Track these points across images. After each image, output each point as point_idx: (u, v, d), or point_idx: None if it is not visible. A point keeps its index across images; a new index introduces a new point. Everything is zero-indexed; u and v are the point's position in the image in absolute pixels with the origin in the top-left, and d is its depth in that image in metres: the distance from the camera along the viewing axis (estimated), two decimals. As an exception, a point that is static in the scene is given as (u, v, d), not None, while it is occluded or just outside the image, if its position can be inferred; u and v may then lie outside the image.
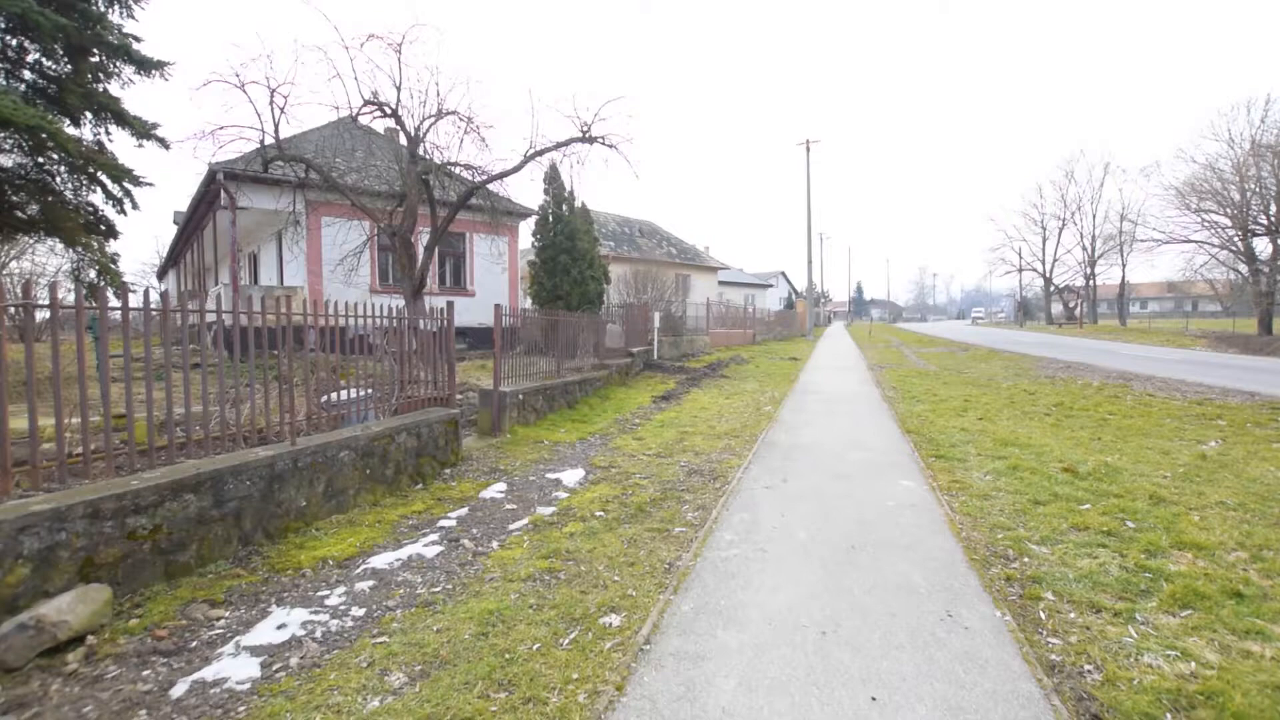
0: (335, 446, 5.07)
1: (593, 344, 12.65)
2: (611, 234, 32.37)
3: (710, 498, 5.19)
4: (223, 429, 4.71)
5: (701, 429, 8.35)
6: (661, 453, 6.99)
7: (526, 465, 6.63)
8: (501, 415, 7.97)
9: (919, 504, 4.91)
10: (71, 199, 10.83)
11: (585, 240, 17.87)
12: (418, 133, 11.87)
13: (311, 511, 4.83)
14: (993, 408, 9.89)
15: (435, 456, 6.39)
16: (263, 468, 4.43)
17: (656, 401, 11.01)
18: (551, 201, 17.79)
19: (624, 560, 3.87)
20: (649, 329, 17.34)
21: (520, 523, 4.85)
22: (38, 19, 8.57)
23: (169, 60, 10.51)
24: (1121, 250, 48.99)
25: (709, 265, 36.67)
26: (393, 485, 5.73)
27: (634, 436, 7.96)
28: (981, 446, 7.10)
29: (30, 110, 7.53)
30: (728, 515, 4.64)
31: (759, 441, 7.41)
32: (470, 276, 20.00)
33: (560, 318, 11.17)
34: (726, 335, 25.53)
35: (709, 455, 6.79)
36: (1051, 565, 3.75)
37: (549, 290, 17.71)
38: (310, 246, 16.33)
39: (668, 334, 19.66)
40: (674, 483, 5.72)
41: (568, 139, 11.88)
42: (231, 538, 4.20)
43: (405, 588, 3.66)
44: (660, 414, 9.75)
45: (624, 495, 5.38)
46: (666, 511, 4.86)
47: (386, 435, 5.68)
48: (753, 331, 29.19)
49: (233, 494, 4.21)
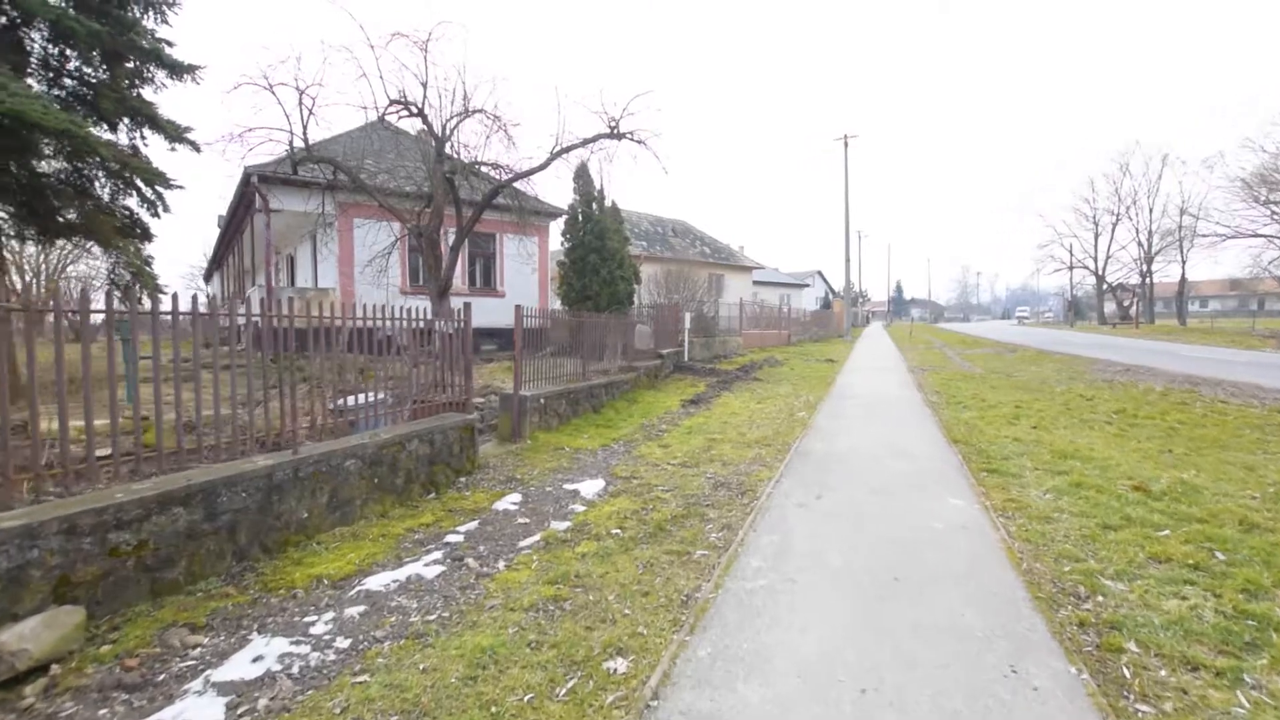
0: (340, 455, 4.84)
1: (620, 346, 12.32)
2: (644, 234, 32.05)
3: (736, 515, 4.77)
4: (234, 434, 4.52)
5: (731, 436, 7.91)
6: (687, 462, 6.59)
7: (544, 474, 6.31)
8: (522, 420, 7.69)
9: (970, 526, 4.40)
10: (108, 203, 10.99)
11: (615, 239, 17.56)
12: (444, 131, 11.73)
13: (314, 524, 4.59)
14: (1047, 415, 9.18)
15: (449, 464, 6.13)
16: (260, 479, 4.20)
17: (685, 406, 10.60)
18: (581, 200, 17.53)
19: (637, 589, 3.50)
20: (679, 330, 16.92)
21: (531, 539, 4.52)
22: (72, 25, 8.65)
23: (200, 64, 10.56)
24: (1181, 246, 46.41)
25: (743, 265, 36.02)
26: (403, 495, 5.48)
27: (659, 444, 7.57)
28: (1038, 459, 6.49)
29: (60, 114, 7.56)
30: (755, 537, 4.21)
31: (791, 451, 6.94)
32: (500, 277, 19.92)
33: (586, 319, 10.86)
34: (760, 336, 24.91)
35: (737, 466, 6.36)
36: (1132, 607, 3.23)
37: (578, 291, 17.45)
38: (342, 248, 16.44)
39: (699, 335, 19.21)
40: (698, 497, 5.32)
41: (595, 135, 11.59)
42: (225, 553, 3.97)
43: (398, 614, 3.36)
44: (688, 419, 9.34)
45: (644, 510, 5.00)
46: (688, 531, 4.47)
47: (396, 443, 5.42)
48: (788, 332, 28.47)
49: (226, 507, 3.98)
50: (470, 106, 11.65)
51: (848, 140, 34.66)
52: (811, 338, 33.00)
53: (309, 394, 5.47)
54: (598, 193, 17.54)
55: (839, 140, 34.90)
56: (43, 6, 8.17)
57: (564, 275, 18.15)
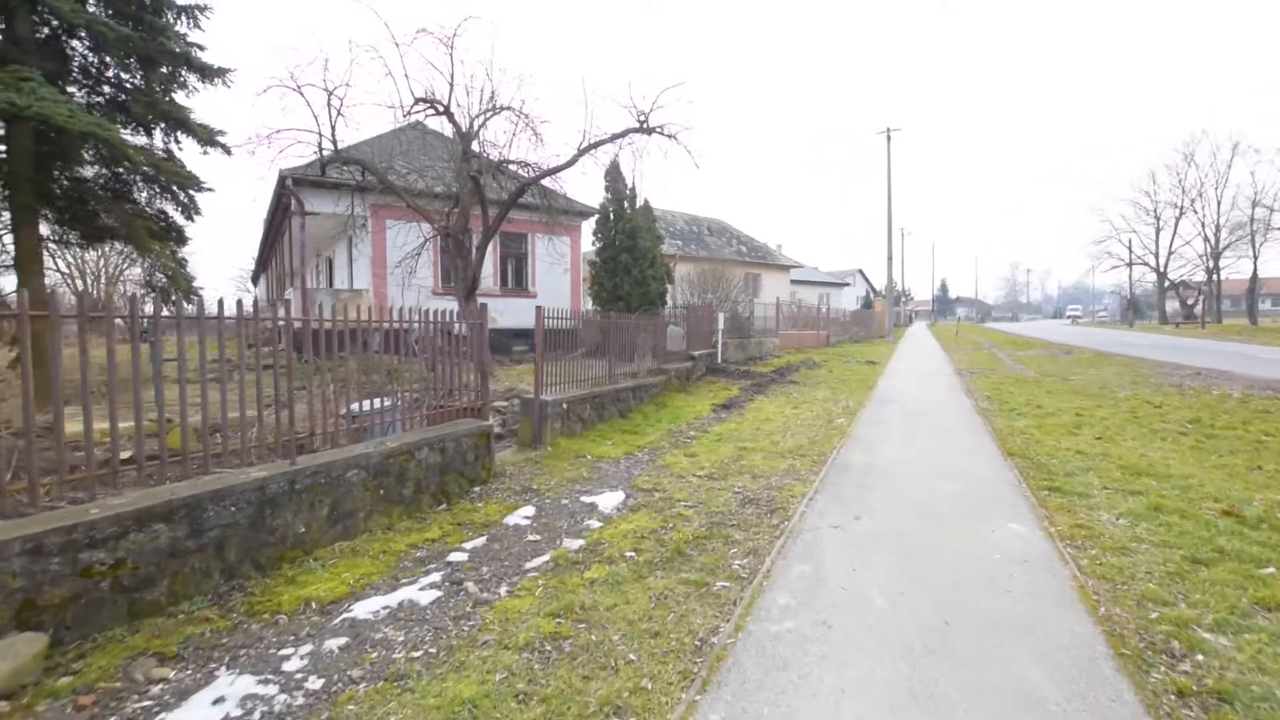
0: (341, 465, 4.57)
1: (651, 347, 11.92)
2: (679, 233, 31.60)
3: (764, 538, 4.31)
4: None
5: (763, 445, 7.42)
6: (714, 474, 6.15)
7: (562, 485, 5.96)
8: (542, 426, 7.37)
9: (1034, 559, 3.85)
10: (145, 207, 11.16)
11: (647, 238, 17.18)
12: (470, 130, 11.54)
13: (312, 538, 4.33)
14: (1112, 424, 8.40)
15: (463, 473, 5.84)
16: (250, 492, 3.95)
17: (716, 411, 10.14)
18: (612, 199, 17.21)
19: (647, 628, 3.09)
20: (713, 331, 16.42)
21: (540, 560, 4.16)
22: (103, 30, 8.74)
23: (230, 67, 10.62)
24: (1253, 240, 43.41)
25: (780, 264, 35.20)
26: (411, 506, 5.20)
27: (686, 453, 7.15)
28: (1106, 476, 5.83)
29: (87, 118, 7.60)
30: (784, 566, 3.76)
31: (828, 462, 6.42)
32: (532, 278, 19.76)
33: (613, 320, 10.50)
34: (798, 337, 24.17)
35: (768, 479, 5.88)
36: (1241, 670, 2.66)
37: (609, 291, 17.13)
38: (374, 250, 16.50)
39: (734, 335, 18.66)
40: (724, 515, 4.88)
41: (624, 130, 11.22)
42: (212, 571, 3.73)
43: (382, 649, 3.03)
44: (719, 425, 8.88)
45: (663, 529, 4.59)
46: (709, 555, 4.04)
47: (405, 452, 5.15)
48: (826, 333, 27.60)
49: (213, 522, 3.74)
50: (497, 104, 11.43)
51: (890, 133, 33.47)
52: (851, 338, 31.98)
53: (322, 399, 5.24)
54: (629, 191, 17.19)
55: (881, 134, 33.75)
56: (74, 13, 8.23)
57: (595, 275, 17.86)
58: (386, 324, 5.59)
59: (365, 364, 5.72)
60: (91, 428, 3.72)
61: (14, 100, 7.11)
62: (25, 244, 9.19)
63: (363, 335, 5.62)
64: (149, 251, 10.47)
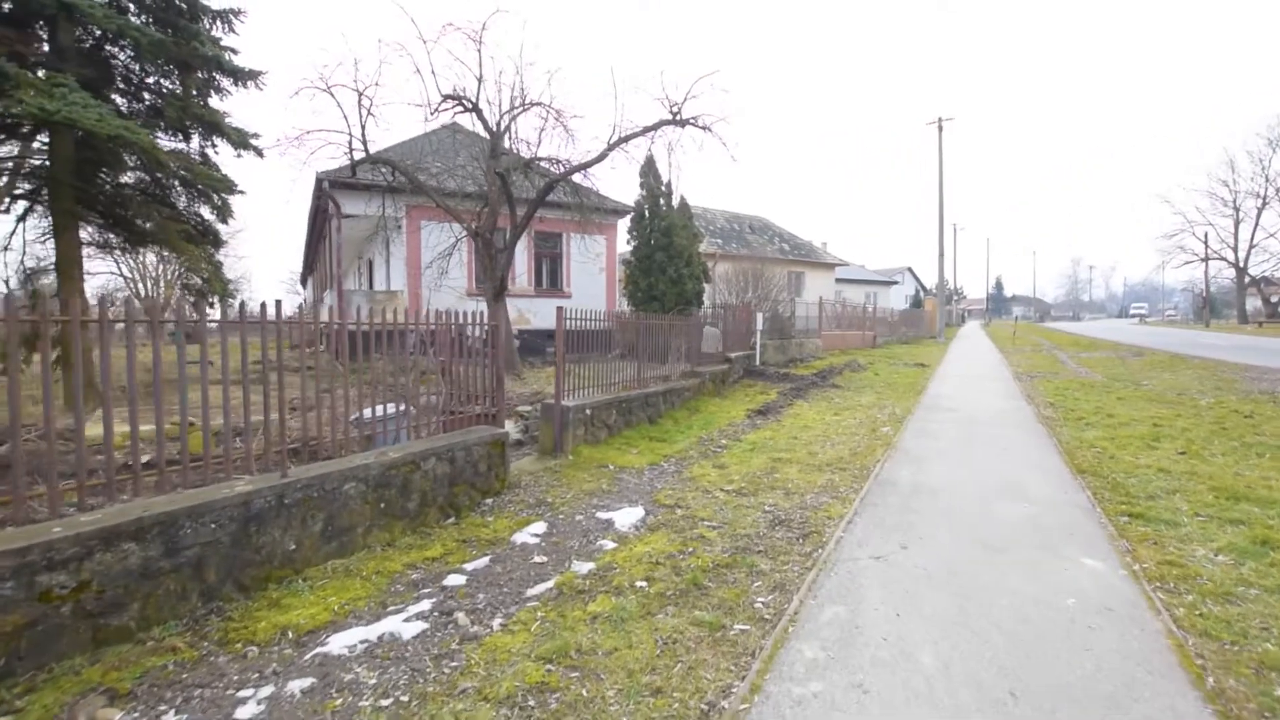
0: (337, 478, 4.28)
1: (685, 349, 11.45)
2: (720, 231, 30.98)
3: (794, 570, 3.80)
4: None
5: (799, 456, 6.87)
6: (744, 489, 5.65)
7: (579, 499, 5.56)
8: (563, 433, 7.00)
9: (1117, 607, 3.23)
10: (184, 210, 11.33)
11: (683, 236, 16.70)
12: (499, 127, 11.32)
13: (304, 556, 4.05)
14: (1196, 436, 7.49)
15: (474, 485, 5.51)
16: (233, 507, 3.68)
17: (751, 416, 9.59)
18: (647, 197, 16.80)
19: (648, 682, 2.65)
20: (751, 331, 15.81)
21: (543, 587, 3.77)
22: (135, 35, 8.82)
23: (262, 70, 10.66)
24: (1351, 232, 39.77)
25: (825, 261, 34.12)
26: (417, 520, 4.89)
27: (715, 463, 6.66)
28: (1196, 499, 5.07)
29: (115, 122, 7.64)
30: (814, 607, 3.25)
31: (871, 478, 5.83)
32: (567, 278, 19.52)
33: (643, 321, 10.08)
34: (842, 337, 23.23)
35: (803, 497, 5.34)
36: None
37: (644, 290, 16.73)
38: (409, 251, 16.50)
39: (774, 336, 17.98)
40: (750, 538, 4.38)
41: (656, 123, 10.82)
42: (189, 593, 3.47)
43: (349, 694, 2.68)
44: (753, 433, 8.34)
45: (682, 554, 4.14)
46: (729, 589, 3.56)
47: (409, 462, 4.84)
48: (873, 333, 26.50)
49: (190, 540, 3.48)
50: (528, 99, 11.18)
51: (942, 124, 31.96)
52: (900, 339, 30.68)
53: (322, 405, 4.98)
54: (665, 188, 16.76)
55: (932, 124, 32.26)
56: (106, 19, 8.31)
57: (629, 274, 17.49)
58: (394, 327, 5.30)
59: (372, 369, 5.45)
60: (112, 433, 3.63)
61: (45, 105, 7.17)
62: (65, 249, 9.39)
63: (367, 339, 5.36)
64: (184, 254, 10.60)
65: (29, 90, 7.40)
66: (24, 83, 7.38)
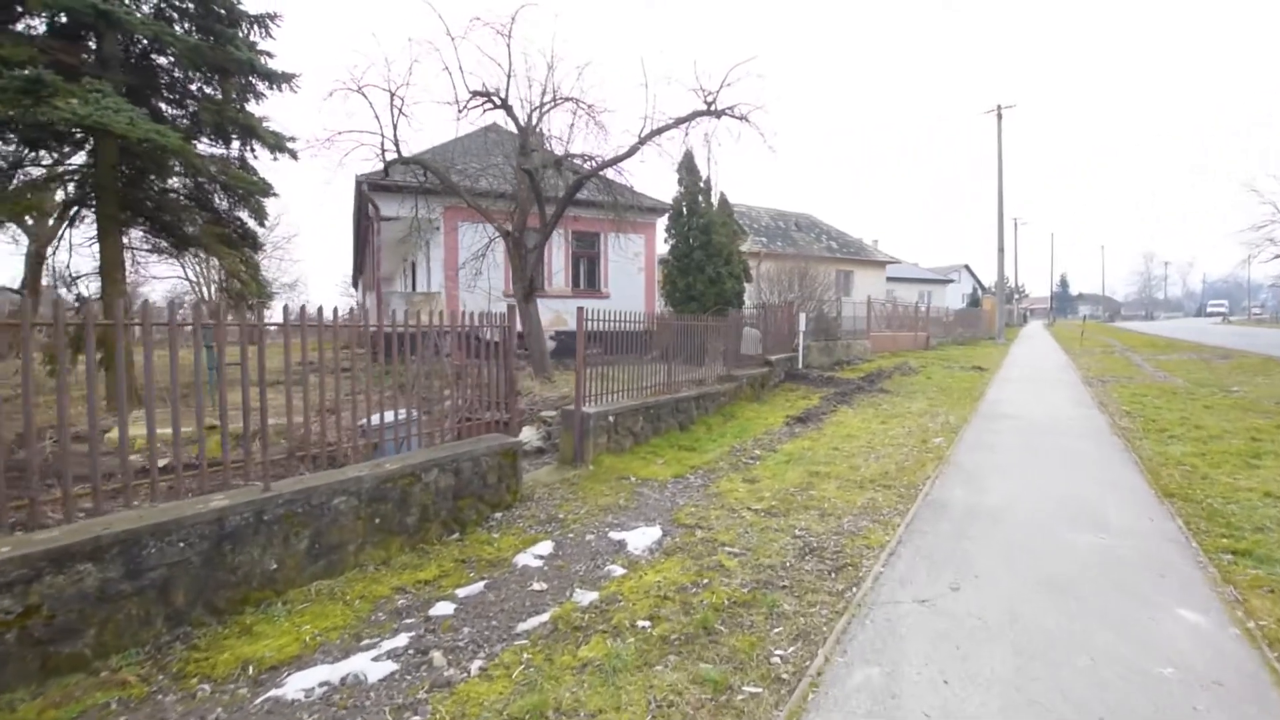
0: (325, 491, 3.99)
1: (721, 351, 10.91)
2: (764, 229, 30.14)
3: (822, 613, 3.26)
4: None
5: (839, 470, 6.26)
6: (774, 508, 5.11)
7: (592, 515, 5.14)
8: (584, 442, 6.60)
9: (1231, 682, 2.58)
10: (225, 214, 11.50)
11: (722, 234, 16.12)
12: (529, 123, 11.05)
13: (286, 576, 3.76)
14: (1309, 453, 6.50)
15: (482, 497, 5.16)
16: (205, 525, 3.41)
17: (790, 424, 8.98)
18: (685, 194, 16.29)
19: (630, 761, 2.19)
20: (794, 332, 15.09)
21: (536, 621, 3.37)
22: (169, 40, 8.92)
23: (295, 72, 10.71)
24: None
25: (875, 259, 32.78)
26: (417, 536, 4.57)
27: (745, 477, 6.13)
28: (1319, 533, 4.25)
29: (145, 125, 7.69)
30: (842, 667, 2.71)
31: (919, 499, 5.19)
32: (605, 278, 19.18)
33: (676, 322, 9.62)
34: (892, 339, 22.13)
35: (840, 520, 4.77)
36: None
37: (682, 290, 16.23)
38: (447, 252, 16.48)
39: (819, 338, 17.18)
40: (775, 570, 3.86)
41: (690, 114, 10.33)
42: (154, 617, 3.21)
43: (290, 755, 2.33)
44: (790, 442, 7.75)
45: (695, 586, 3.66)
46: (743, 636, 3.06)
47: (408, 474, 4.52)
48: (926, 334, 25.19)
49: (155, 561, 3.22)
50: (558, 95, 10.87)
51: (1001, 112, 30.17)
52: (955, 340, 29.12)
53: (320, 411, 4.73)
54: (704, 184, 16.21)
55: (989, 112, 30.50)
56: (141, 24, 8.40)
57: (667, 274, 17.01)
58: (395, 329, 5.01)
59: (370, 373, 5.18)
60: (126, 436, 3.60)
61: (77, 110, 7.25)
62: (109, 252, 9.59)
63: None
64: (221, 258, 10.73)
65: (68, 97, 7.51)
66: (61, 90, 7.48)
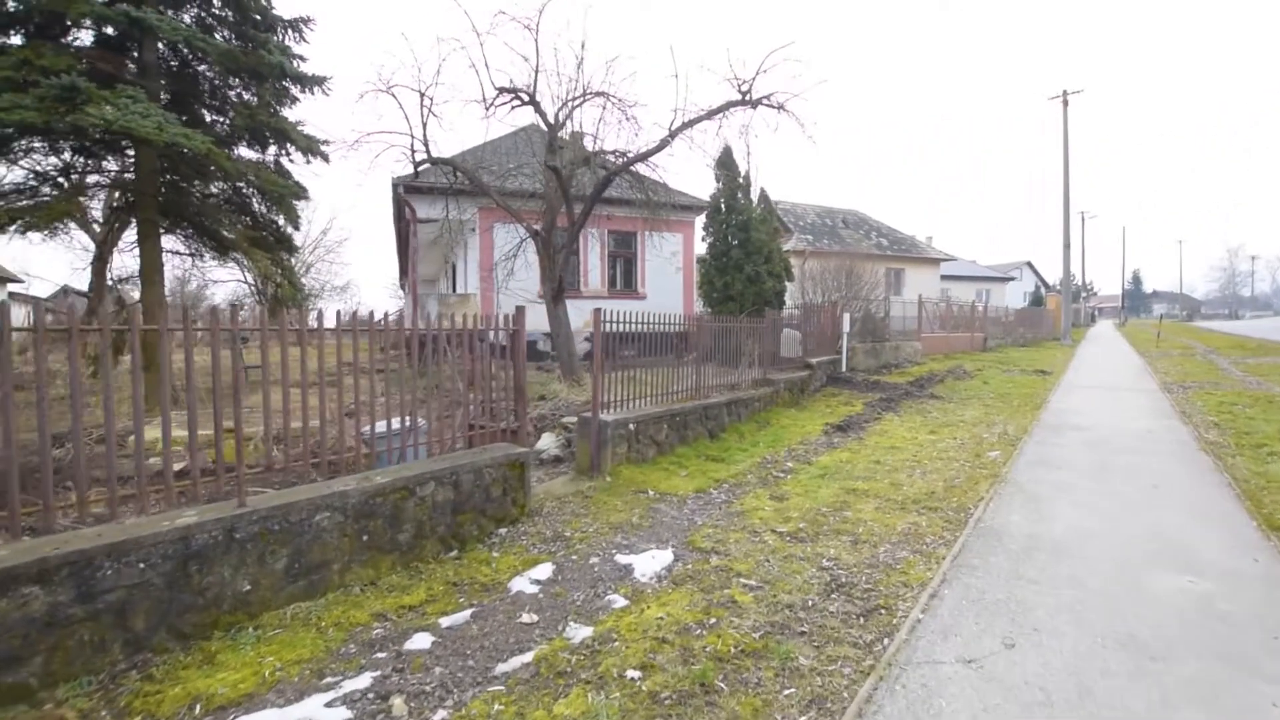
0: (305, 507, 3.72)
1: (758, 354, 10.35)
2: (810, 227, 29.20)
3: (844, 672, 2.76)
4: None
5: (879, 488, 5.67)
6: (801, 531, 4.59)
7: (601, 534, 4.74)
8: (601, 452, 6.21)
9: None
10: (261, 218, 11.64)
11: (762, 230, 15.49)
12: (557, 120, 10.76)
13: (262, 598, 3.50)
14: None
15: (484, 512, 4.83)
16: (168, 544, 3.17)
17: (829, 433, 8.37)
18: (724, 190, 15.72)
19: None
20: (837, 333, 14.34)
21: (519, 661, 2.99)
22: (200, 45, 9.00)
23: (326, 75, 10.72)
24: None
25: (928, 257, 31.33)
26: (411, 554, 4.27)
27: (773, 493, 5.61)
28: None
29: (173, 129, 7.73)
30: (865, 746, 2.22)
31: (970, 525, 4.57)
32: (642, 278, 18.82)
33: (707, 324, 9.13)
34: (946, 340, 20.93)
35: (875, 548, 4.21)
36: None
37: (720, 290, 15.68)
38: (482, 254, 16.42)
39: (864, 339, 16.33)
40: (794, 610, 3.36)
41: (723, 104, 9.83)
42: (110, 643, 2.98)
43: (203, 829, 2.01)
44: (827, 454, 7.17)
45: (700, 627, 3.21)
46: (746, 698, 2.59)
47: (400, 488, 4.22)
48: (983, 335, 23.78)
49: (111, 583, 2.99)
50: (588, 89, 10.54)
51: (1067, 98, 28.25)
52: (1015, 341, 27.45)
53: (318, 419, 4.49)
54: (743, 179, 15.60)
55: (1055, 99, 28.61)
56: (171, 30, 8.48)
57: (704, 273, 16.48)
58: (394, 331, 4.73)
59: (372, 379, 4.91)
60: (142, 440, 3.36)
61: (105, 116, 7.32)
62: (148, 256, 9.78)
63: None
64: (255, 261, 10.84)
65: (100, 104, 7.61)
66: (95, 96, 7.59)
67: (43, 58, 7.87)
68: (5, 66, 7.66)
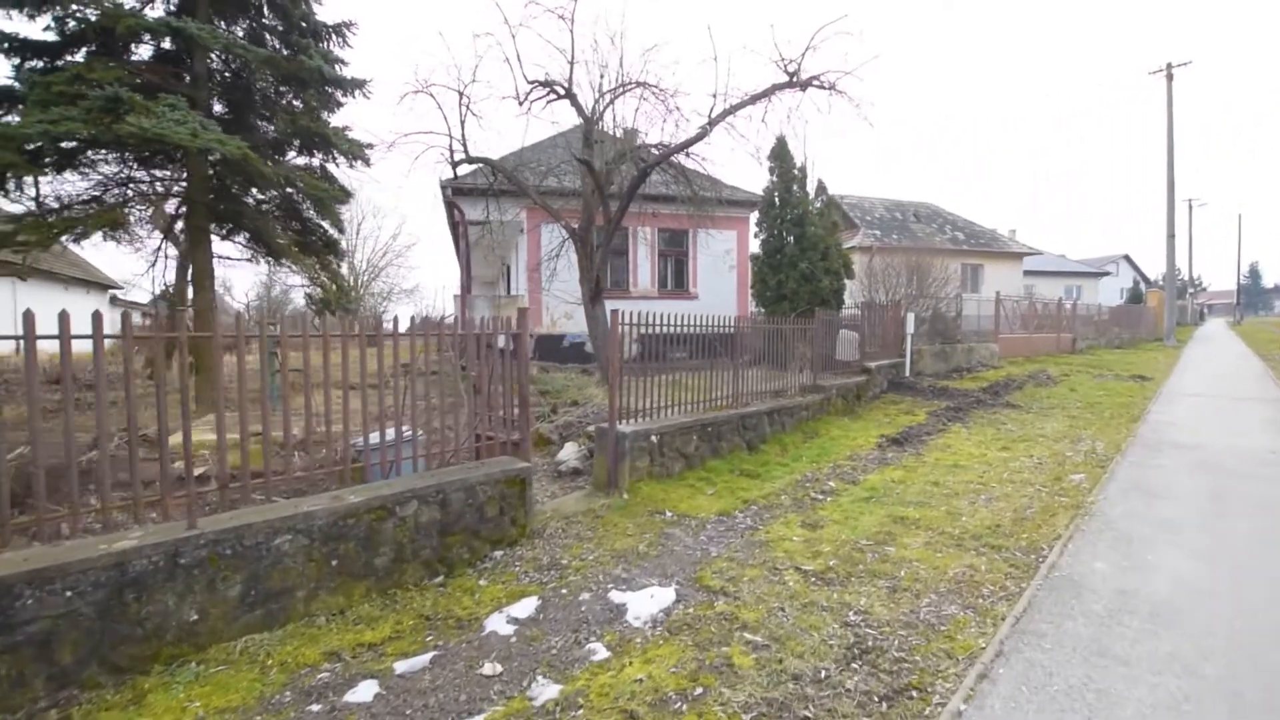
0: (263, 529, 3.40)
1: (809, 357, 9.56)
2: (878, 221, 27.69)
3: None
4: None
5: (933, 516, 4.87)
6: (829, 571, 3.91)
7: (600, 564, 4.22)
8: (619, 466, 5.70)
9: None
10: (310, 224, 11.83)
11: (819, 225, 14.55)
12: (594, 113, 10.34)
13: (212, 628, 3.20)
14: None
15: (478, 533, 4.42)
16: (101, 570, 2.90)
17: (883, 446, 7.52)
18: (778, 182, 14.89)
19: None
20: (900, 335, 13.24)
21: (465, 727, 2.52)
22: (241, 52, 9.11)
23: (367, 78, 10.73)
24: None
25: (1009, 251, 29.04)
26: (388, 580, 3.91)
27: (806, 520, 4.92)
28: None
29: (207, 135, 7.81)
30: None
31: (1041, 573, 3.75)
32: (693, 278, 18.18)
33: (748, 326, 8.45)
34: (1027, 341, 19.13)
35: (918, 600, 3.48)
36: None
37: (773, 289, 14.86)
38: (530, 254, 16.25)
39: (933, 340, 15.08)
40: (802, 682, 2.73)
41: (769, 87, 9.11)
42: (31, 679, 2.73)
43: None
44: (877, 472, 6.37)
45: (682, 699, 2.64)
46: (719, 812, 2.01)
47: (376, 508, 3.86)
48: (1071, 335, 21.65)
49: (33, 613, 2.74)
50: (626, 80, 10.06)
51: (1171, 72, 25.36)
52: (1110, 342, 24.92)
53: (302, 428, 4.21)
54: (798, 171, 14.72)
55: (1158, 73, 25.78)
56: (212, 38, 8.60)
57: (757, 272, 15.68)
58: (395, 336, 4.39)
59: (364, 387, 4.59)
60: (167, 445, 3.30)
61: (142, 124, 7.44)
62: (200, 262, 10.04)
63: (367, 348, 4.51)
64: (301, 266, 10.97)
65: (143, 114, 7.77)
66: (138, 106, 7.75)
67: (94, 71, 8.12)
68: (59, 82, 7.94)
